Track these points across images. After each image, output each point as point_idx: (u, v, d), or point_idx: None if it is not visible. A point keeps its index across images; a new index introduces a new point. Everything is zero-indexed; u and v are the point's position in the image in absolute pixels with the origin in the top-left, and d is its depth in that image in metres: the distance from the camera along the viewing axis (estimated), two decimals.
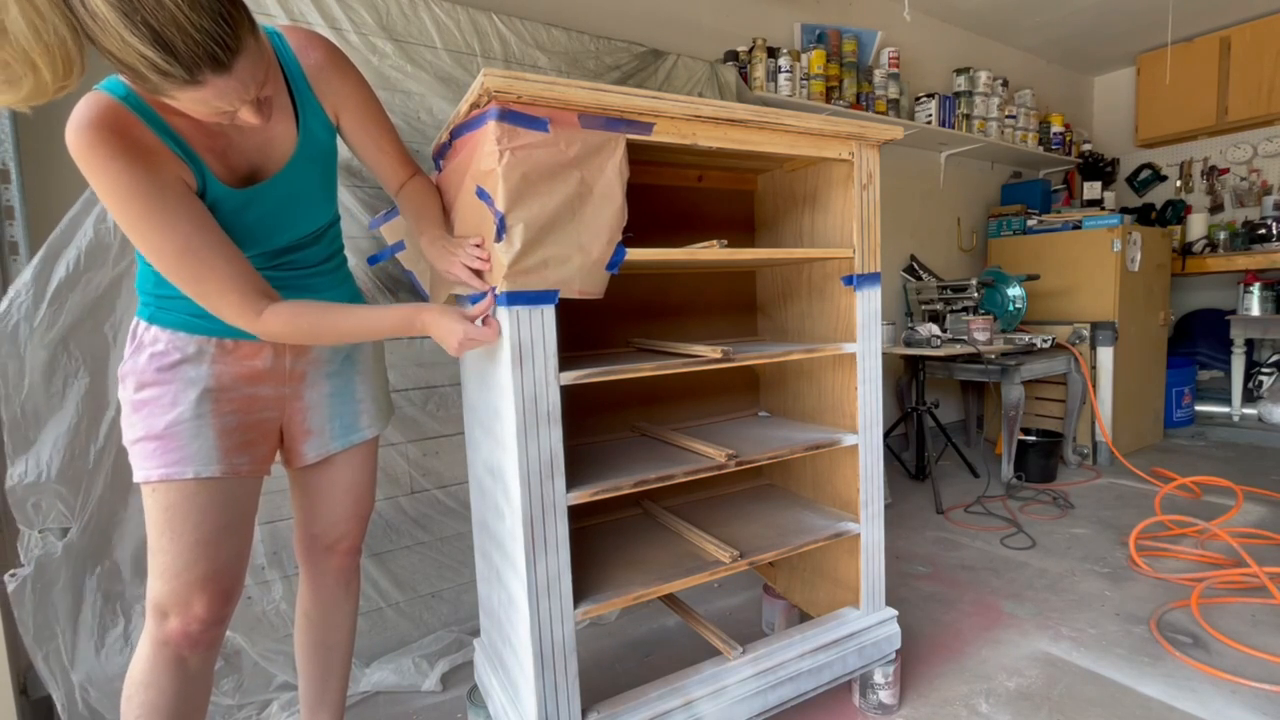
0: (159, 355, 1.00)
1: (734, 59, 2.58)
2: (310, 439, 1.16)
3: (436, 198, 1.24)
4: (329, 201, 1.13)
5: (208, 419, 1.01)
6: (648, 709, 1.17)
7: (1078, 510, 2.67)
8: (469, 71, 1.79)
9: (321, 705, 1.29)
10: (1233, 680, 1.50)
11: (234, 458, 1.03)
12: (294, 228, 1.07)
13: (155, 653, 0.99)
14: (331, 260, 1.18)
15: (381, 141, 1.16)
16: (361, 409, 1.21)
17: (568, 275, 1.05)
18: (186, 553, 0.98)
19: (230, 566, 1.03)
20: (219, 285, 0.91)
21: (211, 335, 1.02)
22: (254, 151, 1.00)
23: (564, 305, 1.06)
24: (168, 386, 0.99)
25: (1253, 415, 3.60)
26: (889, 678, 1.43)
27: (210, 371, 1.02)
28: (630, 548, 1.37)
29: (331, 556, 1.24)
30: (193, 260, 0.89)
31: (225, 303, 0.92)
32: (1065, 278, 3.42)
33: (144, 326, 1.01)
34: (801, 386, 1.62)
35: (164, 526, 0.98)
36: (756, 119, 1.19)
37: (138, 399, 0.99)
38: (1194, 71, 3.89)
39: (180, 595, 0.98)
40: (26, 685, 1.39)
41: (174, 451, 0.98)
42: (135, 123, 0.87)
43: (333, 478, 1.20)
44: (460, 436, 1.81)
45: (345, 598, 1.28)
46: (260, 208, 1.01)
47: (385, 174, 1.20)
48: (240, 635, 1.51)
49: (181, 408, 0.99)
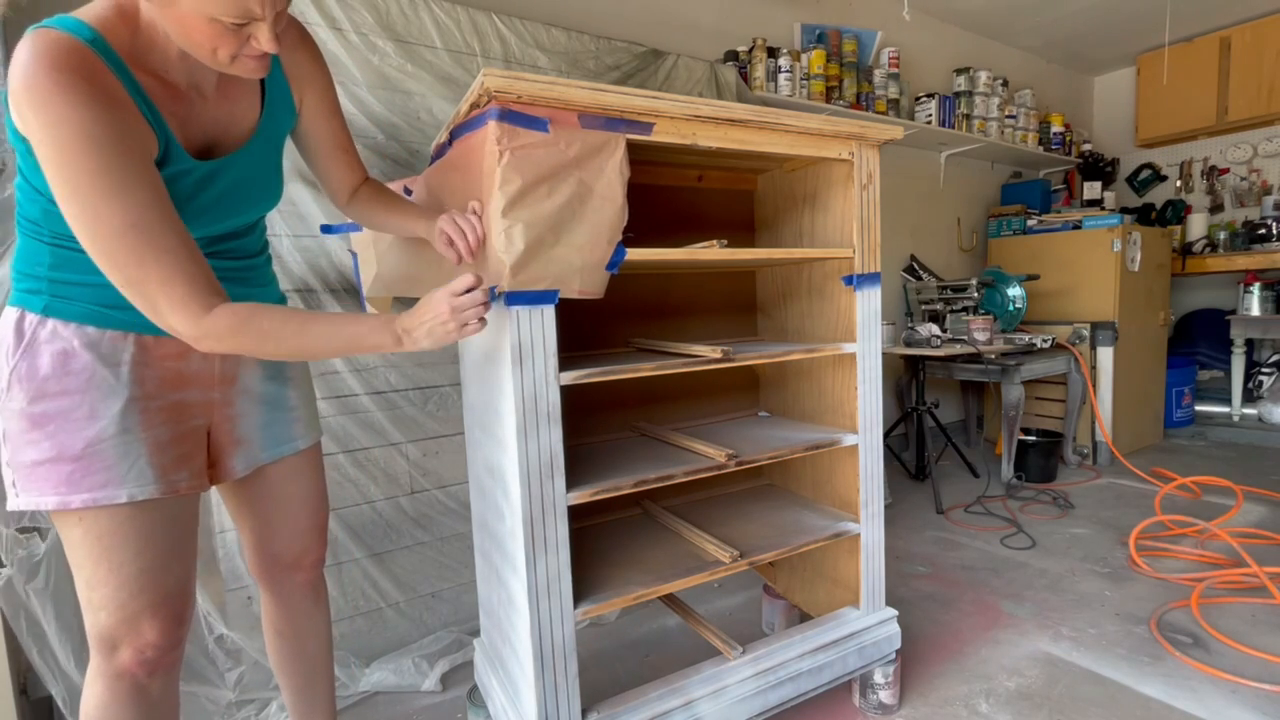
0: (65, 356, 0.83)
1: (734, 59, 2.58)
2: (239, 449, 1.03)
3: (397, 194, 1.18)
4: (279, 188, 1.05)
5: (136, 433, 0.86)
6: (648, 709, 1.17)
7: (1078, 510, 2.67)
8: (469, 71, 1.79)
9: (312, 712, 1.22)
10: (1233, 680, 1.50)
11: (171, 474, 0.90)
12: (243, 212, 0.98)
13: (110, 686, 0.88)
14: (264, 253, 1.09)
15: (340, 136, 1.09)
16: (294, 417, 1.11)
17: (568, 275, 1.05)
18: (130, 583, 0.87)
19: (180, 588, 0.92)
20: (164, 271, 0.76)
21: (129, 331, 0.87)
22: (211, 124, 0.91)
23: (564, 305, 1.06)
24: (80, 396, 0.83)
25: (1253, 415, 3.60)
26: (889, 678, 1.44)
27: (132, 376, 0.87)
28: (630, 548, 1.37)
29: (296, 573, 1.15)
30: (140, 238, 0.75)
31: (165, 294, 0.77)
32: (1065, 278, 3.42)
33: (36, 320, 0.84)
34: (801, 386, 1.62)
35: (99, 557, 0.85)
36: (756, 119, 1.19)
37: (37, 412, 0.82)
38: (1194, 71, 3.89)
39: (129, 625, 0.87)
40: (26, 685, 1.39)
41: (99, 473, 0.83)
42: (105, 70, 0.75)
43: (282, 492, 1.10)
44: (460, 436, 1.81)
45: (316, 608, 1.20)
46: (217, 187, 0.92)
47: (339, 174, 1.11)
48: (240, 635, 1.51)
49: (103, 422, 0.84)
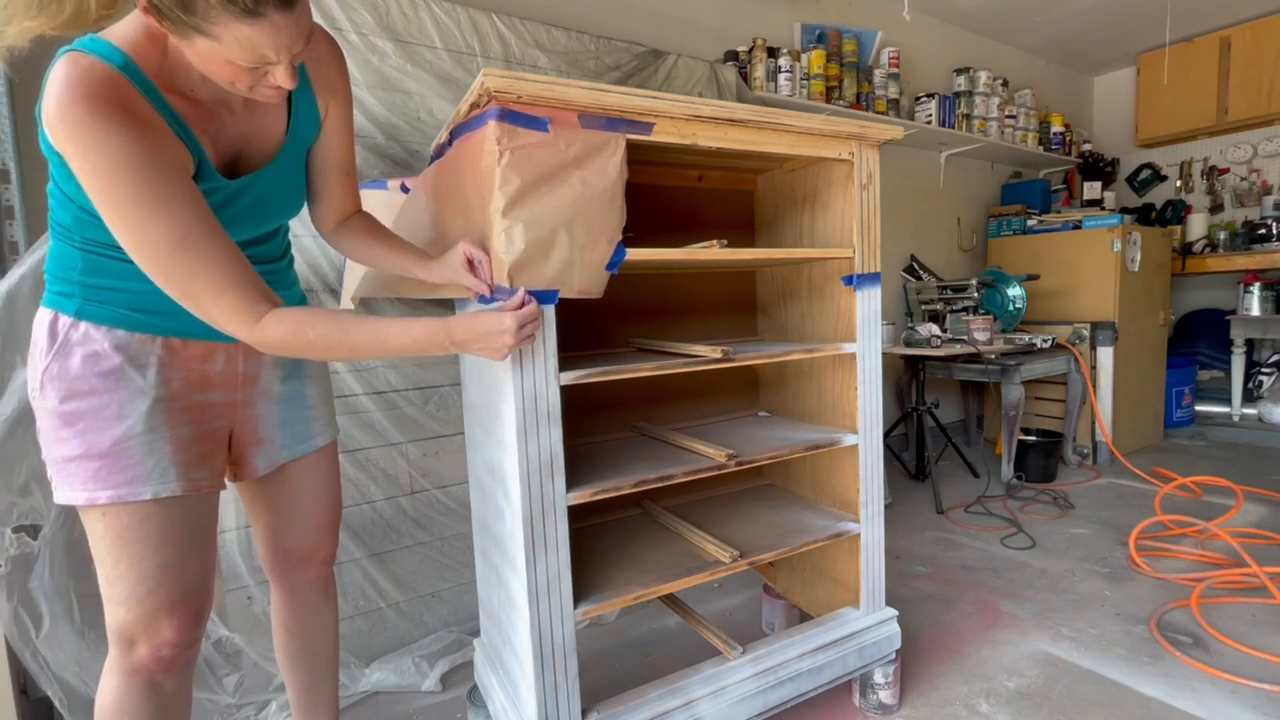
0: (96, 358, 0.87)
1: (734, 59, 2.58)
2: (261, 448, 1.06)
3: (391, 231, 1.18)
4: (303, 196, 1.07)
5: (161, 432, 0.90)
6: (648, 709, 1.17)
7: (1078, 510, 2.66)
8: (469, 71, 1.79)
9: (315, 710, 1.24)
10: (1233, 680, 1.50)
11: (193, 473, 0.93)
12: (268, 222, 1.00)
13: (126, 682, 0.91)
14: (286, 255, 1.11)
15: (345, 157, 1.09)
16: (313, 415, 1.13)
17: (568, 275, 1.05)
18: (149, 579, 0.89)
19: (198, 586, 0.94)
20: (215, 283, 0.80)
21: (157, 334, 0.91)
22: (239, 138, 0.93)
23: (564, 305, 1.06)
24: (109, 396, 0.87)
25: (1253, 415, 3.60)
26: (889, 678, 1.43)
27: (159, 378, 0.91)
28: (630, 548, 1.37)
29: (307, 568, 1.17)
30: (189, 254, 0.78)
31: (218, 305, 0.81)
32: (1065, 278, 3.42)
33: (69, 322, 0.87)
34: (801, 386, 1.62)
35: (120, 553, 0.88)
36: (756, 119, 1.19)
37: (68, 410, 0.86)
38: (1194, 71, 3.89)
39: (146, 621, 0.89)
40: (26, 685, 1.39)
41: (125, 470, 0.87)
42: (136, 96, 0.77)
43: (298, 488, 1.13)
44: (460, 436, 1.81)
45: (325, 604, 1.22)
46: (245, 200, 0.94)
47: (334, 195, 1.10)
48: (240, 635, 1.51)
49: (130, 421, 0.87)
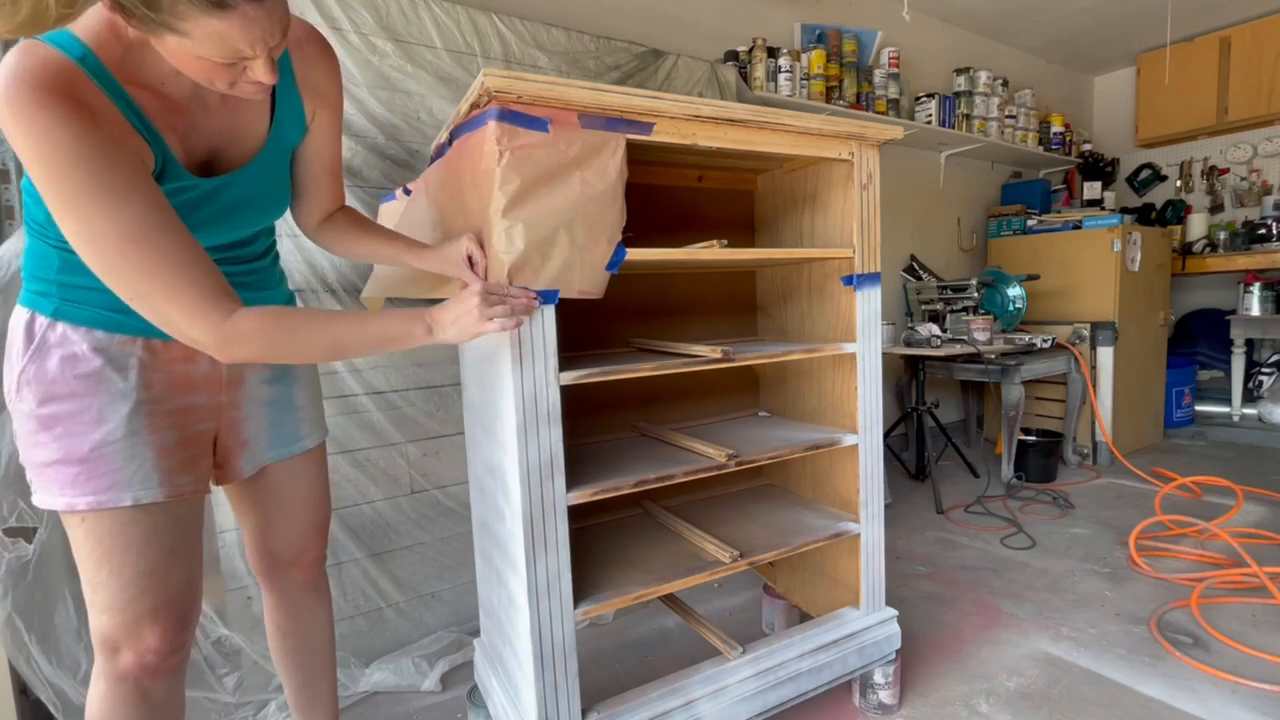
0: (74, 360, 0.84)
1: (734, 59, 2.58)
2: (246, 451, 1.04)
3: (377, 223, 1.16)
4: (286, 198, 1.04)
5: (143, 436, 0.87)
6: (648, 709, 1.17)
7: (1078, 510, 2.66)
8: (469, 71, 1.79)
9: (314, 708, 1.22)
10: (1233, 680, 1.50)
11: (177, 478, 0.90)
12: (248, 224, 0.98)
13: (113, 688, 0.88)
14: (270, 254, 1.07)
15: (334, 160, 1.07)
16: (301, 417, 1.11)
17: (568, 275, 1.05)
18: (131, 586, 0.86)
19: (183, 592, 0.91)
20: (170, 282, 0.74)
21: (138, 335, 0.87)
22: (215, 136, 0.89)
23: (564, 305, 1.06)
24: (88, 399, 0.84)
25: (1253, 415, 3.60)
26: (889, 678, 1.43)
27: (140, 380, 0.87)
28: (630, 548, 1.37)
29: (295, 571, 1.15)
30: (141, 250, 0.73)
31: (176, 305, 0.75)
32: (1065, 278, 3.42)
33: (46, 323, 0.84)
34: (801, 386, 1.62)
35: (100, 560, 0.85)
36: (756, 119, 1.19)
37: (45, 414, 0.83)
38: (1194, 71, 3.89)
39: (129, 629, 0.87)
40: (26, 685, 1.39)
41: (104, 476, 0.84)
42: (91, 87, 0.73)
43: (285, 491, 1.10)
44: (460, 436, 1.81)
45: (317, 604, 1.19)
46: (223, 201, 0.90)
47: (321, 197, 1.09)
48: (240, 635, 1.51)
49: (110, 425, 0.84)
